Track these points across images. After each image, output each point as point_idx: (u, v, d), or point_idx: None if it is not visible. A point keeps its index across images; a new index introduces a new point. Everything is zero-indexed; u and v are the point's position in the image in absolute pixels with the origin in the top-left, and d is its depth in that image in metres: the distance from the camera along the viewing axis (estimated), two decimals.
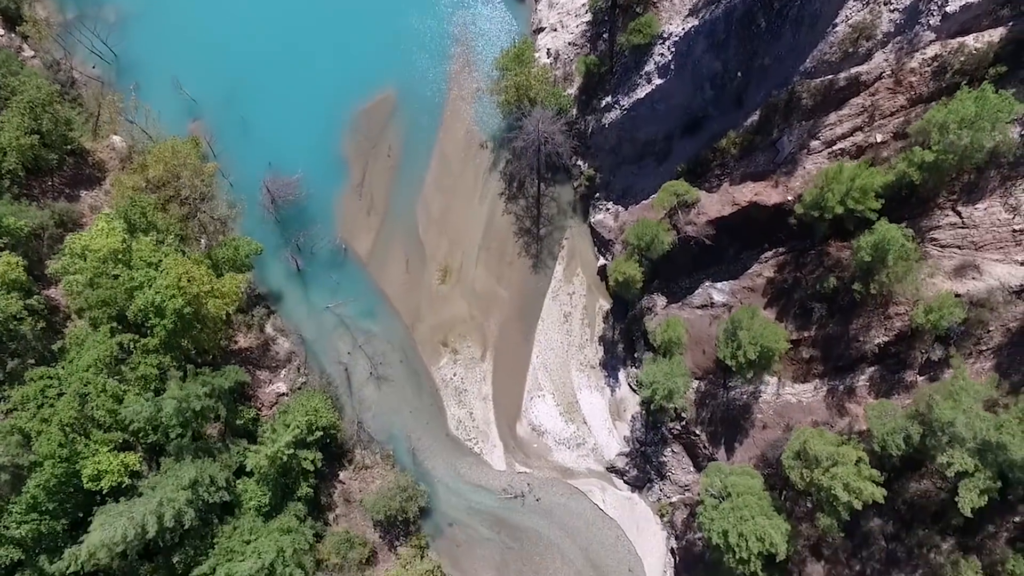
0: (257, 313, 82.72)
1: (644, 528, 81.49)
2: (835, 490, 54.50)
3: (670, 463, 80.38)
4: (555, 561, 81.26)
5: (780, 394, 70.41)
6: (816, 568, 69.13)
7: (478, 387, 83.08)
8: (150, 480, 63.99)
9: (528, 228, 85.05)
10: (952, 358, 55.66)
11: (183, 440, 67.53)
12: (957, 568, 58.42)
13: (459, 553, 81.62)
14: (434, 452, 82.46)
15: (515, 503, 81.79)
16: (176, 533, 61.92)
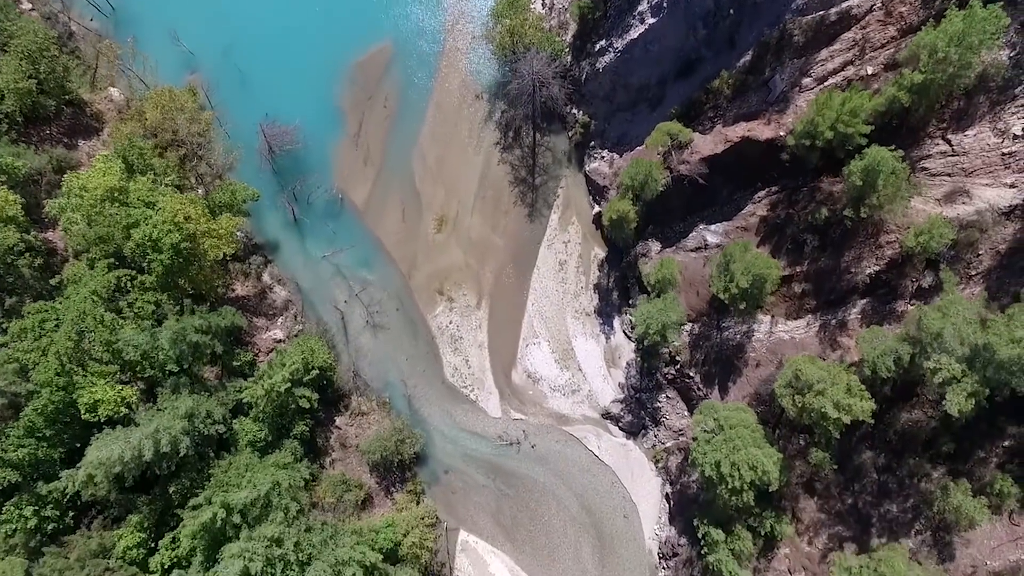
0: (254, 262, 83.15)
1: (639, 474, 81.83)
2: (826, 409, 54.82)
3: (664, 409, 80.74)
4: (550, 507, 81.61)
5: (773, 332, 70.78)
6: (809, 504, 69.49)
7: (474, 335, 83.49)
8: (146, 413, 64.33)
9: (523, 177, 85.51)
10: (941, 271, 55.90)
11: (180, 379, 68.00)
12: (947, 492, 58.82)
13: (455, 500, 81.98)
14: (430, 399, 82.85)
15: (510, 450, 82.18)
16: (172, 461, 62.27)
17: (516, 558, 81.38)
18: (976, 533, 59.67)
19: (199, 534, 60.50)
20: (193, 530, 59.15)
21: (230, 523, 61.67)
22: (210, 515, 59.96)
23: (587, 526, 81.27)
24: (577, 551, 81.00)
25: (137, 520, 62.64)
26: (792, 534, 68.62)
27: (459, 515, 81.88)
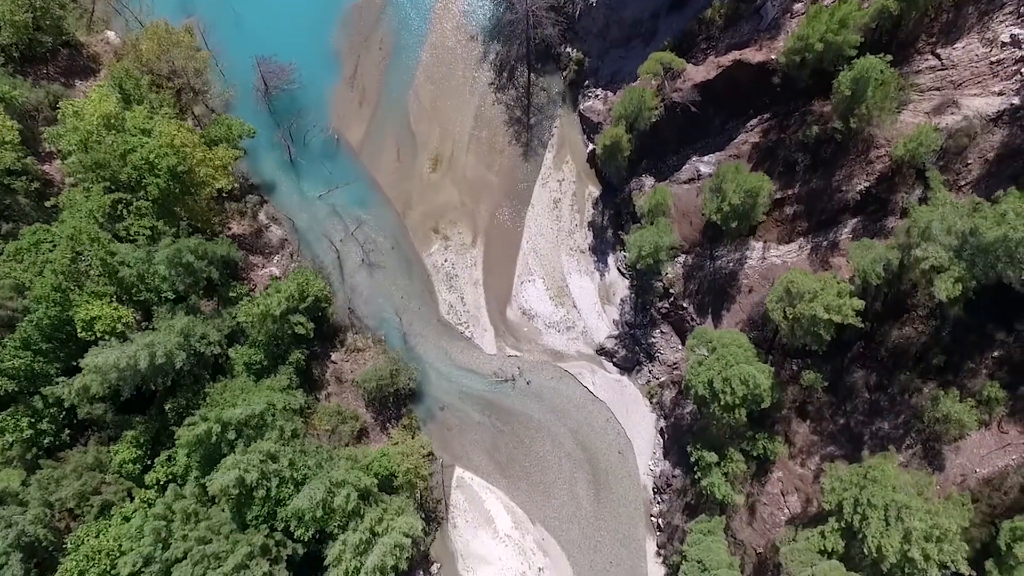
0: (250, 200, 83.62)
1: (633, 410, 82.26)
2: (816, 311, 55.22)
3: (659, 344, 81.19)
4: (545, 444, 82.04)
5: (765, 257, 71.25)
6: (802, 428, 69.92)
7: (469, 272, 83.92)
8: (142, 334, 64.57)
9: (518, 117, 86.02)
10: (928, 172, 56.28)
11: (177, 304, 68.33)
12: (937, 402, 59.25)
13: (450, 436, 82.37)
14: (425, 337, 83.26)
15: (505, 386, 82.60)
16: (168, 376, 62.56)
17: (511, 494, 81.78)
18: (965, 443, 60.05)
19: (194, 448, 60.82)
20: (188, 441, 59.43)
21: (225, 439, 62.02)
22: (205, 428, 60.32)
23: (582, 462, 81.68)
24: (572, 487, 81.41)
25: (133, 436, 63.00)
26: (785, 454, 69.07)
27: (455, 452, 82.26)
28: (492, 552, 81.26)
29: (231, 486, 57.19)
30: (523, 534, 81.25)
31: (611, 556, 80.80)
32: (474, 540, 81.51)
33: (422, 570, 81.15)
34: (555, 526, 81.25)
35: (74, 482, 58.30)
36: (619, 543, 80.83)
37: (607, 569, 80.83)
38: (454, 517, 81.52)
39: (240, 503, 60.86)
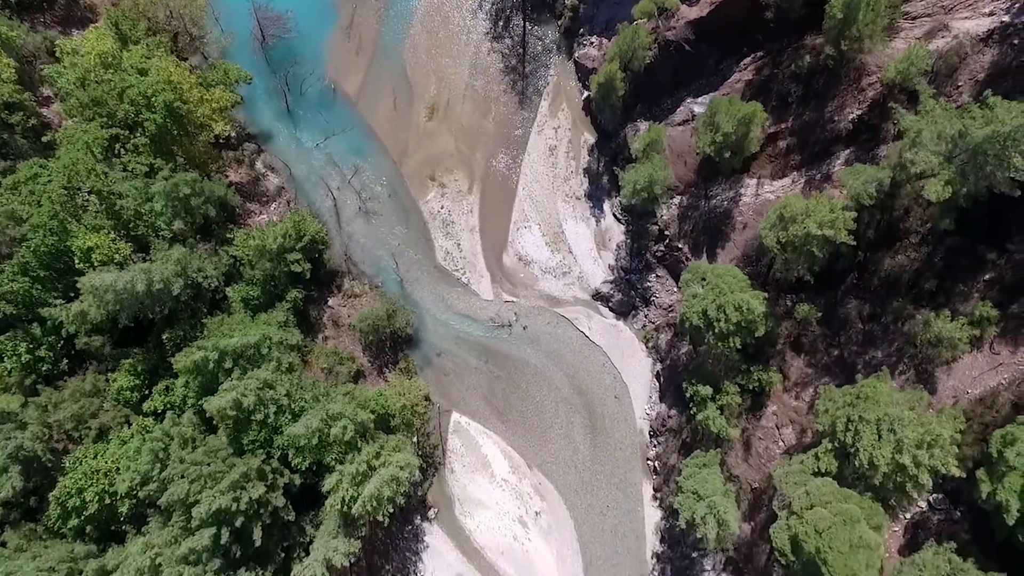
0: (247, 149, 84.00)
1: (629, 355, 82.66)
2: (809, 228, 55.64)
3: (654, 288, 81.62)
4: (542, 389, 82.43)
5: (759, 193, 71.69)
6: (796, 362, 70.30)
7: (465, 219, 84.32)
8: (139, 264, 64.81)
9: (514, 66, 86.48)
10: (918, 85, 56.65)
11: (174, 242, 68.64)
12: (929, 324, 59.70)
13: (447, 382, 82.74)
14: (422, 283, 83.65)
15: (502, 332, 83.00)
16: (165, 305, 62.78)
17: (508, 439, 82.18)
18: (957, 365, 60.46)
19: (191, 376, 61.08)
20: (185, 367, 59.70)
21: (222, 369, 62.33)
22: (202, 356, 60.63)
23: (578, 407, 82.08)
24: (568, 431, 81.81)
25: (131, 364, 63.30)
26: (779, 388, 69.46)
27: (451, 397, 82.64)
28: (489, 496, 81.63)
29: (228, 408, 57.48)
30: (520, 478, 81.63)
31: (608, 500, 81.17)
32: (471, 485, 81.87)
33: (419, 515, 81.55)
34: (552, 470, 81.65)
35: (72, 405, 58.59)
36: (616, 487, 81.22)
37: (604, 513, 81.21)
38: (451, 462, 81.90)
39: (237, 429, 61.18)
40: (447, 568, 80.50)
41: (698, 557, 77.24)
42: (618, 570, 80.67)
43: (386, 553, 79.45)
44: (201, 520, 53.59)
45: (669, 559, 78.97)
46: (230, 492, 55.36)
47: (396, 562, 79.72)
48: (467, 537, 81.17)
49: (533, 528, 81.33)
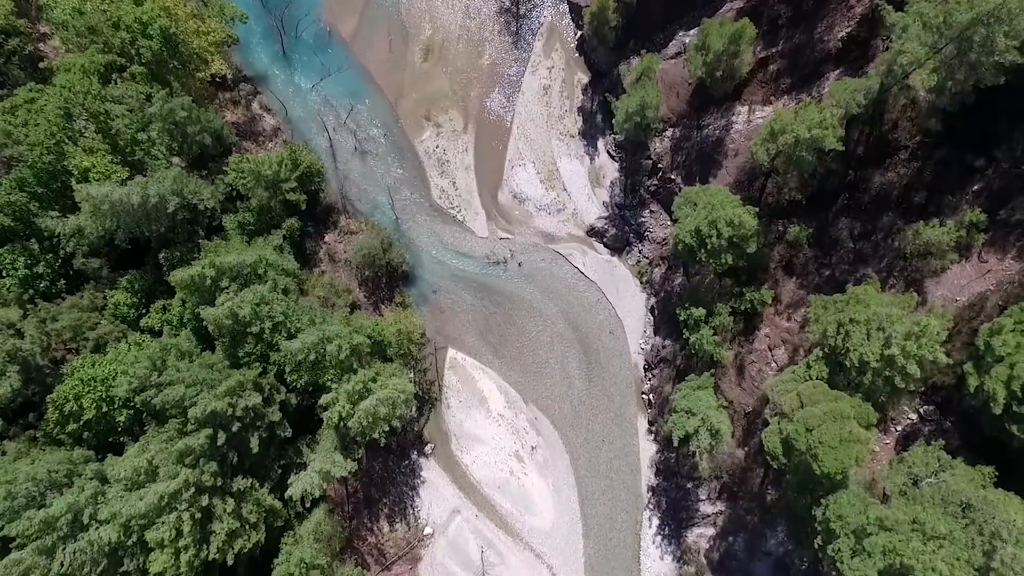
0: (243, 89, 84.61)
1: (624, 290, 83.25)
2: (798, 133, 56.23)
3: (648, 223, 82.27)
4: (537, 324, 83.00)
5: (751, 120, 72.40)
6: (788, 285, 70.93)
7: (460, 158, 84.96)
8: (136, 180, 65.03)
9: (508, 7, 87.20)
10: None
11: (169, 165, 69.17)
12: (918, 233, 60.38)
13: (443, 319, 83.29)
14: (418, 221, 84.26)
15: (497, 269, 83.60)
16: (161, 223, 63.26)
17: (504, 374, 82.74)
18: (947, 275, 61.14)
19: (188, 290, 61.52)
20: (182, 280, 60.14)
21: (218, 287, 62.78)
22: (199, 270, 61.15)
23: (573, 342, 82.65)
24: (564, 367, 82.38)
25: (128, 280, 63.83)
26: (771, 308, 70.11)
27: (447, 334, 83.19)
28: (485, 432, 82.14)
29: (223, 317, 57.98)
30: (516, 413, 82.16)
31: (603, 434, 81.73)
32: (467, 420, 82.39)
33: (416, 450, 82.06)
34: (547, 405, 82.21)
35: (69, 315, 59.08)
36: (611, 420, 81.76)
37: (599, 447, 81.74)
38: (447, 398, 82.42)
39: (234, 344, 61.72)
40: (444, 502, 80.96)
41: (692, 487, 77.79)
42: (614, 503, 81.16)
43: (383, 487, 79.87)
44: (197, 421, 54.08)
45: (664, 491, 79.51)
46: (226, 397, 55.83)
47: (393, 496, 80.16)
48: (464, 472, 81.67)
49: (529, 462, 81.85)
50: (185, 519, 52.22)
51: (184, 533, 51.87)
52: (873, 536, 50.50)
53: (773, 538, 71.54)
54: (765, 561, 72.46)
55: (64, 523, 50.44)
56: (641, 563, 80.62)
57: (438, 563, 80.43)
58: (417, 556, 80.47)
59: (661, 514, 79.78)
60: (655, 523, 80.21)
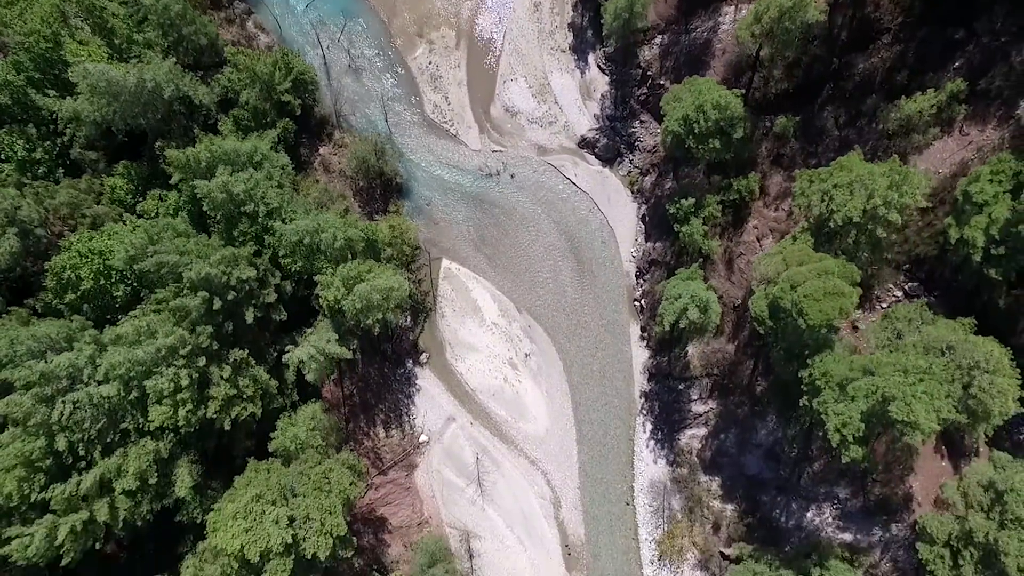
0: (237, 8, 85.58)
1: (615, 200, 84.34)
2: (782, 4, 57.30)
3: (638, 133, 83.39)
4: (530, 235, 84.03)
5: (737, 18, 73.52)
6: (776, 177, 72.06)
7: (453, 73, 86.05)
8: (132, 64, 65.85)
9: None
10: None
11: None
12: (900, 107, 61.57)
13: (437, 230, 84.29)
14: (411, 135, 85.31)
15: (490, 181, 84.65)
16: (157, 111, 64.14)
17: (497, 284, 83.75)
18: (930, 150, 62.37)
19: (184, 173, 62.37)
20: (178, 160, 61.05)
21: (213, 173, 63.56)
22: (195, 151, 62.14)
23: (566, 251, 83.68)
24: (557, 276, 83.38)
25: (126, 166, 64.72)
26: (758, 196, 71.23)
27: (441, 245, 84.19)
28: (480, 340, 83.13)
29: (218, 190, 58.87)
30: (509, 322, 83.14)
31: (596, 341, 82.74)
32: (462, 329, 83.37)
33: (411, 359, 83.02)
34: (541, 314, 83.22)
35: (65, 193, 60.02)
36: (604, 328, 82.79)
37: (592, 354, 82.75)
38: (442, 307, 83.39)
39: (229, 225, 62.64)
40: (439, 410, 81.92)
41: (684, 388, 78.82)
42: (607, 409, 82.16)
43: (379, 393, 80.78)
44: (192, 284, 54.96)
45: (657, 394, 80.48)
46: (220, 265, 56.75)
47: (389, 402, 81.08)
48: (458, 380, 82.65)
49: (523, 370, 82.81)
50: (183, 376, 53.12)
51: (182, 388, 52.75)
52: (856, 381, 51.60)
53: (763, 429, 72.56)
54: (755, 453, 73.44)
55: (64, 375, 51.30)
56: (635, 467, 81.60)
57: (434, 470, 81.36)
58: (413, 463, 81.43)
59: (654, 419, 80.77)
60: (648, 428, 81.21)
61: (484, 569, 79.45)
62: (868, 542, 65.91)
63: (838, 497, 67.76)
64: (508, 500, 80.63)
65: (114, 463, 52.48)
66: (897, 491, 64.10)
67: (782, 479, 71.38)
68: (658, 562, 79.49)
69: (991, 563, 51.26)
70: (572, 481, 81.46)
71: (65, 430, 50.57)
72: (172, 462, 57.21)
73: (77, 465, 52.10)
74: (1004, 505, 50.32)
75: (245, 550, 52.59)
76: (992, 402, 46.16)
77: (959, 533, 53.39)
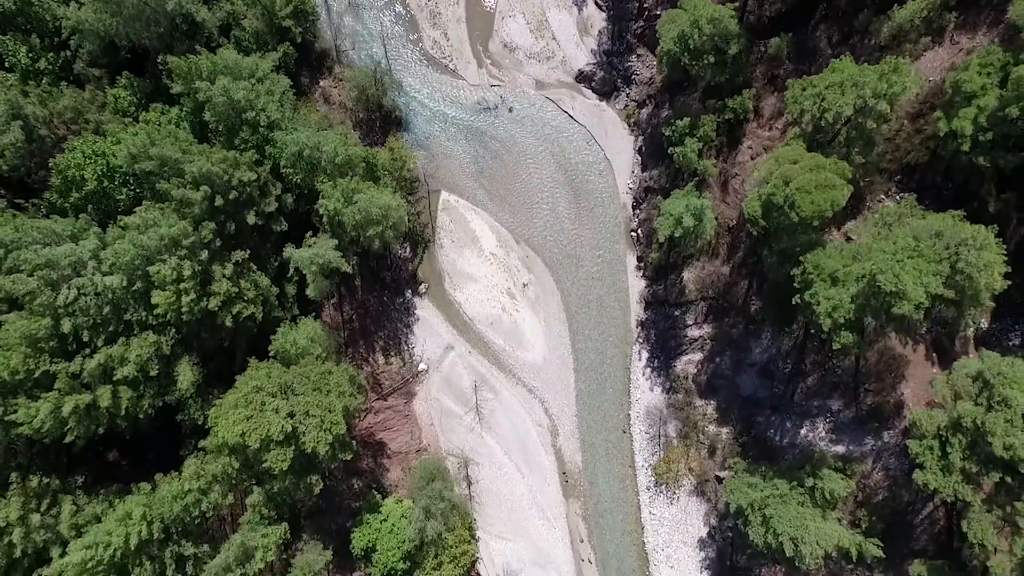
0: None
1: (612, 133, 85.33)
2: None
3: (635, 66, 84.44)
4: (528, 168, 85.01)
5: None
6: (770, 99, 73.01)
7: (452, 10, 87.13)
8: None
9: None
10: None
11: None
12: (890, 18, 62.60)
13: (436, 163, 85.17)
14: (411, 71, 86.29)
15: (488, 115, 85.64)
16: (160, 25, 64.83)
17: (495, 215, 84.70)
18: (922, 61, 63.16)
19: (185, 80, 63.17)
20: (179, 66, 61.93)
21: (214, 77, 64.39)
22: (196, 60, 63.11)
23: (563, 184, 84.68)
24: (554, 207, 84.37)
25: (128, 79, 65.63)
26: (753, 118, 72.21)
27: (440, 178, 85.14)
28: (478, 270, 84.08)
29: (219, 94, 59.75)
30: (507, 252, 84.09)
31: (593, 271, 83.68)
32: (460, 259, 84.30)
33: (410, 289, 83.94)
34: (538, 244, 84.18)
35: (71, 97, 60.97)
36: (601, 258, 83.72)
37: (590, 283, 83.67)
38: (440, 238, 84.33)
39: (230, 134, 63.53)
40: (438, 339, 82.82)
41: (680, 314, 79.76)
42: (604, 339, 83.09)
43: (378, 320, 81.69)
44: (194, 178, 55.91)
45: (653, 323, 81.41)
46: (222, 164, 57.70)
47: (388, 330, 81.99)
48: (457, 310, 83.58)
49: (521, 299, 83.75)
50: (186, 267, 54.04)
51: (184, 278, 53.66)
52: (847, 267, 52.53)
53: (758, 347, 73.46)
54: (750, 373, 74.34)
55: (67, 264, 52.20)
56: (631, 395, 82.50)
57: (432, 398, 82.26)
58: (411, 392, 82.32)
59: (650, 347, 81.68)
60: (644, 356, 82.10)
61: (482, 495, 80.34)
62: (860, 452, 66.82)
63: (831, 410, 68.67)
64: (506, 428, 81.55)
65: (117, 351, 53.34)
66: (889, 399, 65.01)
67: (776, 397, 72.27)
68: (654, 488, 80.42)
69: (978, 448, 52.17)
70: (569, 409, 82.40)
71: (70, 315, 51.47)
72: (174, 361, 58.11)
73: (81, 352, 52.96)
74: (991, 390, 51.16)
75: (246, 437, 53.48)
76: (979, 276, 47.00)
77: (948, 423, 54.18)
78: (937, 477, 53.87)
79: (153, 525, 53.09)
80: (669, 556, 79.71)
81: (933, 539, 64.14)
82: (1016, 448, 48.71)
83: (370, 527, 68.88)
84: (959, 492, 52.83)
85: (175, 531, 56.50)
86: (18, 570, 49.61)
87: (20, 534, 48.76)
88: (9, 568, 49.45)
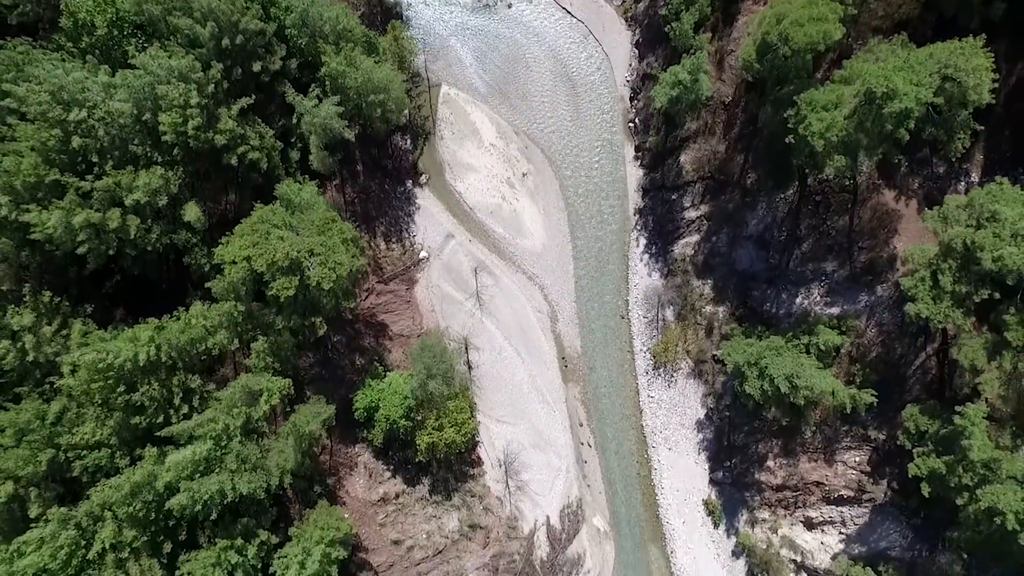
0: None
1: (610, 28, 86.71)
2: None
3: None
4: (526, 61, 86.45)
5: None
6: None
7: None
8: None
9: None
10: None
11: None
12: None
13: (436, 58, 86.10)
14: None
15: (488, 11, 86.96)
16: None
17: (495, 107, 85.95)
18: None
19: None
20: None
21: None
22: None
23: (562, 76, 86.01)
24: (553, 99, 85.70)
25: None
26: None
27: (439, 72, 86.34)
28: (478, 161, 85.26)
29: None
30: (507, 143, 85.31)
31: (591, 161, 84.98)
32: (460, 150, 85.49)
33: (411, 179, 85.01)
34: (537, 135, 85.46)
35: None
36: (599, 149, 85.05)
37: (588, 174, 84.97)
38: (440, 130, 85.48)
39: None
40: (438, 227, 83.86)
41: (678, 198, 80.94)
42: (603, 226, 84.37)
43: (380, 207, 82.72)
44: (202, 13, 57.08)
45: (651, 209, 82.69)
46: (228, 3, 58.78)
47: (389, 218, 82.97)
48: (457, 200, 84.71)
49: (520, 188, 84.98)
50: (193, 95, 55.20)
51: (192, 104, 54.78)
52: (839, 94, 53.84)
53: (754, 218, 74.72)
54: (746, 246, 75.57)
55: (77, 91, 53.28)
56: (629, 281, 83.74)
57: (433, 284, 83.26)
58: (413, 278, 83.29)
59: (648, 233, 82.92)
60: (642, 242, 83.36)
61: (482, 379, 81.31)
62: (855, 310, 68.15)
63: (826, 272, 69.98)
64: (506, 313, 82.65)
65: (126, 178, 54.39)
66: (882, 253, 66.35)
67: (772, 268, 73.54)
68: (652, 371, 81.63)
69: (968, 270, 53.35)
70: (568, 295, 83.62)
71: (80, 135, 52.55)
72: (180, 204, 59.19)
73: (91, 173, 54.04)
74: (980, 208, 52.45)
75: (252, 262, 54.60)
76: (968, 79, 48.35)
77: (939, 252, 55.41)
78: (928, 306, 54.99)
79: (161, 350, 54.05)
80: (667, 438, 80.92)
81: (925, 388, 65.47)
82: (1004, 259, 49.80)
83: (372, 390, 69.84)
84: (950, 316, 53.95)
85: (181, 365, 57.47)
86: (30, 377, 50.57)
87: (32, 341, 49.70)
88: (22, 374, 50.44)
